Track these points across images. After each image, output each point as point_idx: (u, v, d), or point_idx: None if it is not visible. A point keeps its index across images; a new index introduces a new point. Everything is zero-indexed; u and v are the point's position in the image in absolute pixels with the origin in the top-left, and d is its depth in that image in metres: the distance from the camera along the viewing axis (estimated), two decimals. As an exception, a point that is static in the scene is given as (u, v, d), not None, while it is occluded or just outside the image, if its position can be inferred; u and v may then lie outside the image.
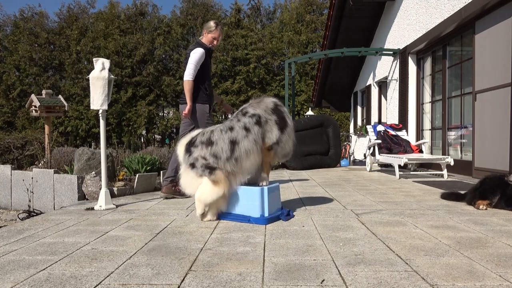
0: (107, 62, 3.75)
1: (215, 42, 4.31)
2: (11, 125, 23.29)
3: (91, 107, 3.74)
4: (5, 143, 8.20)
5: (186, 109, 4.17)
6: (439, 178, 6.25)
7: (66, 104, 7.61)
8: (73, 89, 23.46)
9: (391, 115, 9.63)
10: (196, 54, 4.18)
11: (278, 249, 2.31)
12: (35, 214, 4.55)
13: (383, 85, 10.79)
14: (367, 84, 11.96)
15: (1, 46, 25.52)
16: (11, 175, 5.62)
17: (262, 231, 2.74)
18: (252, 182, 3.18)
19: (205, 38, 4.32)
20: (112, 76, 3.80)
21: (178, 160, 3.16)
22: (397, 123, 8.71)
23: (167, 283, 1.78)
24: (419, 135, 8.43)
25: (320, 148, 8.89)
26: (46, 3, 34.45)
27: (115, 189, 4.50)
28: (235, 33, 24.81)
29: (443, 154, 7.35)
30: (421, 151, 7.31)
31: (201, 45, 4.27)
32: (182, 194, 4.08)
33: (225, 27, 24.93)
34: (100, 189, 3.82)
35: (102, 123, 3.81)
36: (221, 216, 3.16)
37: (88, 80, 3.76)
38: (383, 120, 10.55)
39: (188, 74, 4.15)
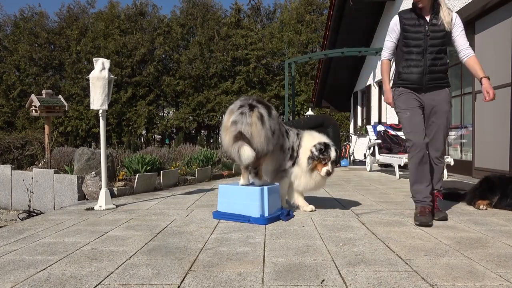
0: (107, 62, 3.75)
1: None
2: (11, 125, 23.28)
3: (91, 107, 3.74)
4: (5, 143, 8.19)
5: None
6: (439, 178, 6.24)
7: (66, 104, 7.60)
8: (73, 89, 23.47)
9: (391, 115, 9.63)
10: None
11: (278, 249, 2.30)
12: (35, 214, 4.55)
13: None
14: (367, 84, 11.95)
15: (1, 46, 25.52)
16: (11, 175, 5.62)
17: (262, 231, 2.74)
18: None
19: None
20: (112, 76, 3.79)
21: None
22: (397, 123, 8.70)
23: (167, 283, 1.78)
24: (419, 135, 8.41)
25: (320, 148, 8.88)
26: (46, 3, 34.50)
27: (115, 189, 4.49)
28: (235, 33, 24.80)
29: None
30: (421, 151, 7.30)
31: (404, 10, 3.33)
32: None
33: (225, 27, 24.93)
34: (100, 189, 3.82)
35: (102, 123, 3.81)
36: (221, 216, 3.17)
37: (88, 80, 3.76)
38: (383, 120, 10.55)
39: (382, 54, 3.35)
